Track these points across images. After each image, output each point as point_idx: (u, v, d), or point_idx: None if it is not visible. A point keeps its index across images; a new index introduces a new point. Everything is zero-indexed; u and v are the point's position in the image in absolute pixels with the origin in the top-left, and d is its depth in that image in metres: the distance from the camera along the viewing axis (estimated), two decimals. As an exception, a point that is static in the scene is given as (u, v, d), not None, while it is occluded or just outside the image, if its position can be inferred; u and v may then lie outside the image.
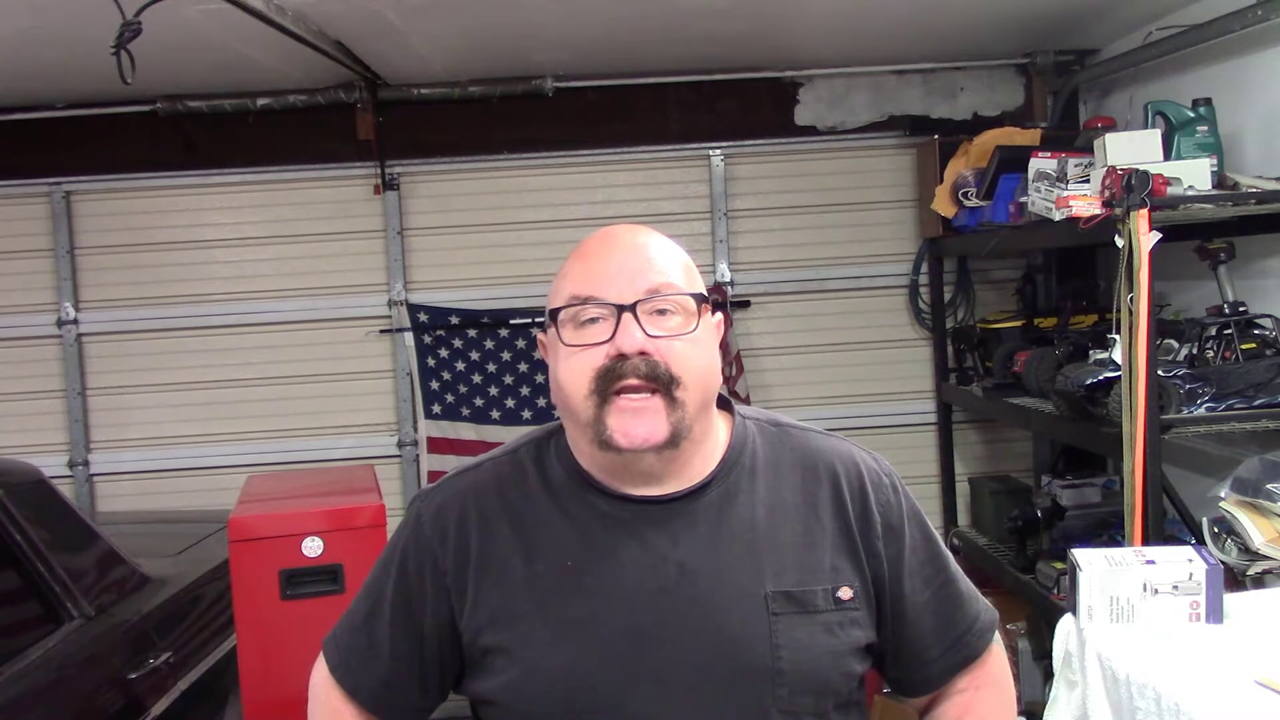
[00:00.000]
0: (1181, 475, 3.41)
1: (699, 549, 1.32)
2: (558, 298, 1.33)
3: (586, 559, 1.32)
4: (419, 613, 1.38)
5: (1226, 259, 3.17)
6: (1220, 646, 2.03)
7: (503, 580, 1.34)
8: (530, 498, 1.38)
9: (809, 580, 1.33)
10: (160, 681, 2.87)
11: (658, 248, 1.36)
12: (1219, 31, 3.29)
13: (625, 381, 1.27)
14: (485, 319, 4.64)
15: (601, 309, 1.29)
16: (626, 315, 1.28)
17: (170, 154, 4.57)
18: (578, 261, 1.35)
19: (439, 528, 1.39)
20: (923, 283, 4.66)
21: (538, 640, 1.30)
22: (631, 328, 1.28)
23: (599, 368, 1.28)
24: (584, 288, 1.31)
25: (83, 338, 4.62)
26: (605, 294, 1.29)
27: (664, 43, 4.05)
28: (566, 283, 1.33)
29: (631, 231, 1.38)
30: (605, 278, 1.30)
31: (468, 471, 1.45)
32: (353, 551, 3.18)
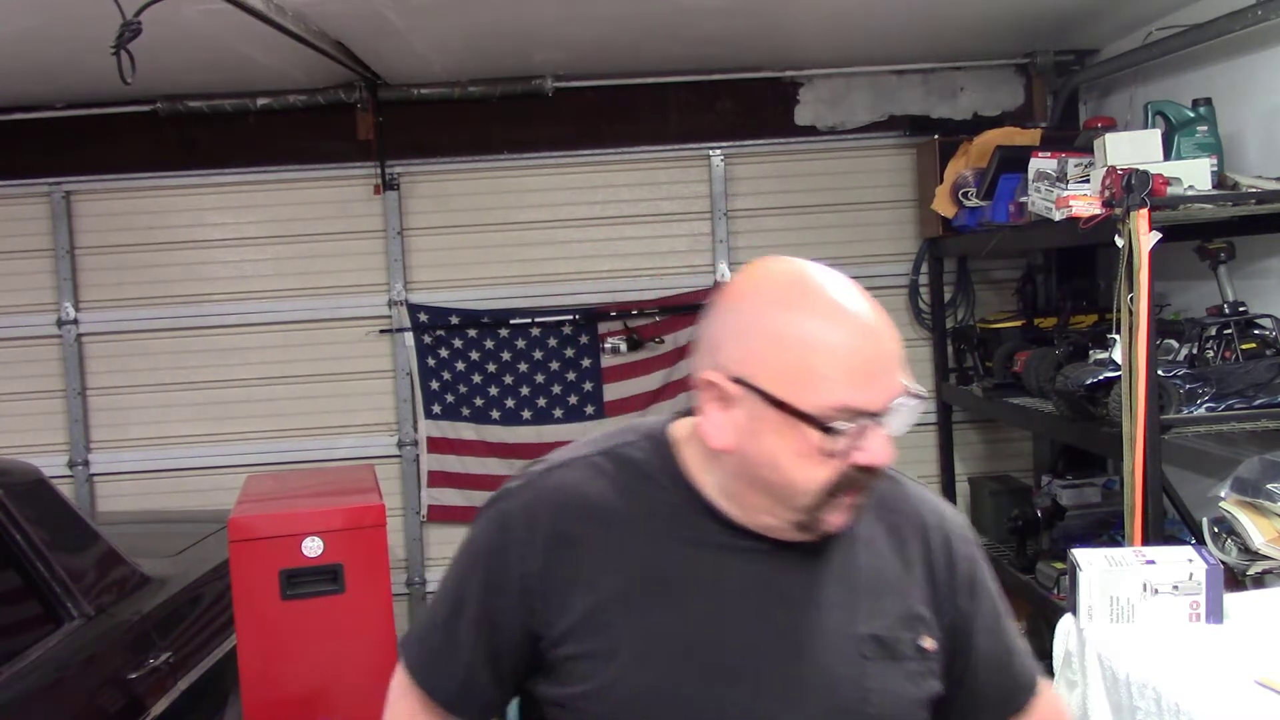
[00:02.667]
0: (1181, 475, 3.41)
1: (799, 581, 1.30)
2: (807, 389, 1.19)
3: (685, 578, 1.29)
4: (502, 613, 1.33)
5: (1226, 259, 3.17)
6: (1220, 646, 2.03)
7: (595, 588, 1.30)
8: (628, 506, 1.33)
9: (898, 627, 1.33)
10: (160, 681, 2.87)
11: (892, 329, 1.25)
12: (1219, 31, 3.29)
13: (857, 490, 1.25)
14: (485, 319, 4.64)
15: (865, 421, 1.20)
16: (882, 430, 1.21)
17: (170, 154, 4.57)
18: (847, 356, 1.19)
19: (528, 527, 1.33)
20: (923, 283, 4.66)
21: (625, 654, 1.28)
22: (882, 443, 1.21)
23: (843, 474, 1.22)
24: (858, 397, 1.19)
25: (83, 338, 4.62)
26: (871, 404, 1.20)
27: (664, 43, 4.05)
28: (828, 382, 1.19)
29: (869, 309, 1.23)
30: (877, 386, 1.20)
31: (556, 470, 1.37)
32: (353, 551, 3.18)
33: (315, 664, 3.17)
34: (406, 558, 4.70)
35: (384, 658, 3.22)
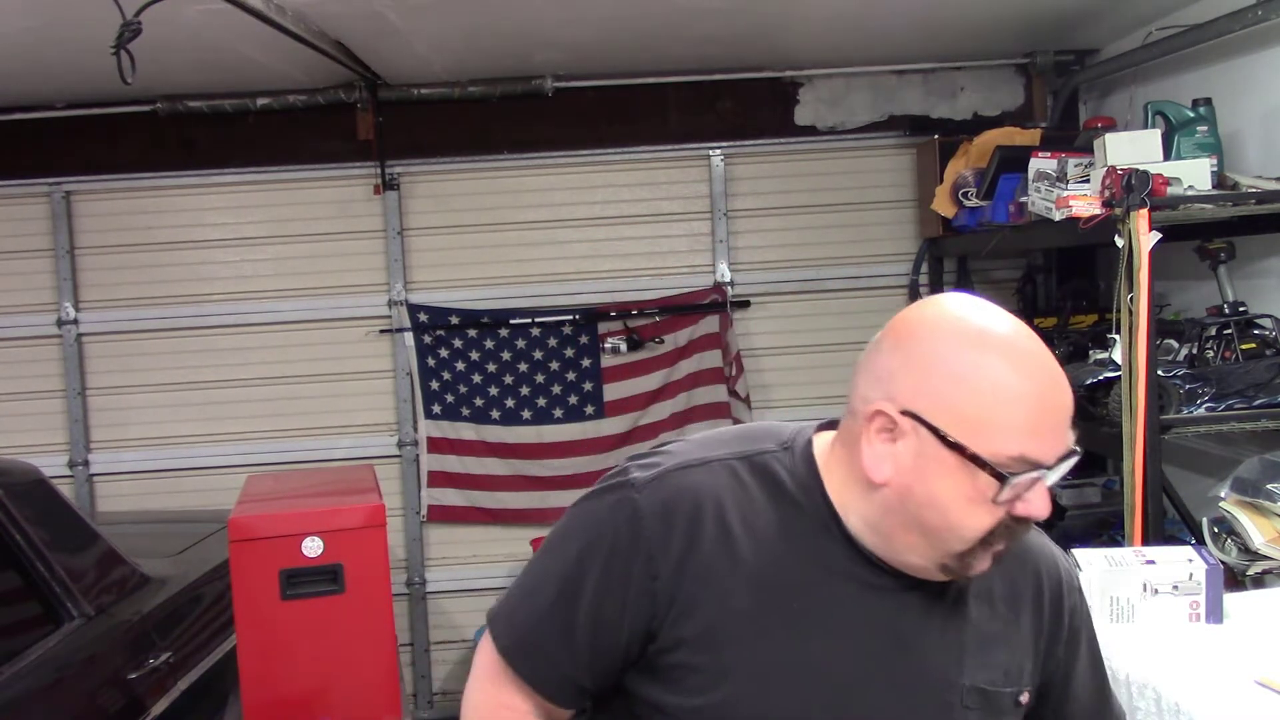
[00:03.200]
0: (1181, 475, 3.41)
1: (916, 624, 1.29)
2: (987, 437, 1.17)
3: (810, 605, 1.27)
4: (622, 610, 1.28)
5: (1226, 259, 3.17)
6: (1220, 646, 2.03)
7: (721, 600, 1.26)
8: (764, 522, 1.29)
9: (1001, 681, 1.31)
10: (160, 681, 2.87)
11: (1067, 381, 1.23)
12: (1219, 31, 3.29)
13: (1010, 538, 1.23)
14: (485, 319, 4.64)
15: (1037, 473, 1.18)
16: (1047, 482, 1.19)
17: (170, 154, 4.56)
18: (1024, 399, 1.18)
19: (664, 525, 1.27)
20: (923, 283, 4.66)
21: (741, 672, 1.26)
22: (1045, 496, 1.19)
23: (1001, 523, 1.20)
24: (1032, 448, 1.17)
25: (83, 338, 4.62)
26: (1046, 457, 1.18)
27: (664, 43, 4.05)
28: (1009, 432, 1.17)
29: (1048, 357, 1.22)
30: (1050, 437, 1.18)
31: (693, 470, 1.31)
32: (353, 551, 3.18)
33: (315, 664, 3.17)
34: (406, 558, 4.70)
35: (384, 658, 3.23)
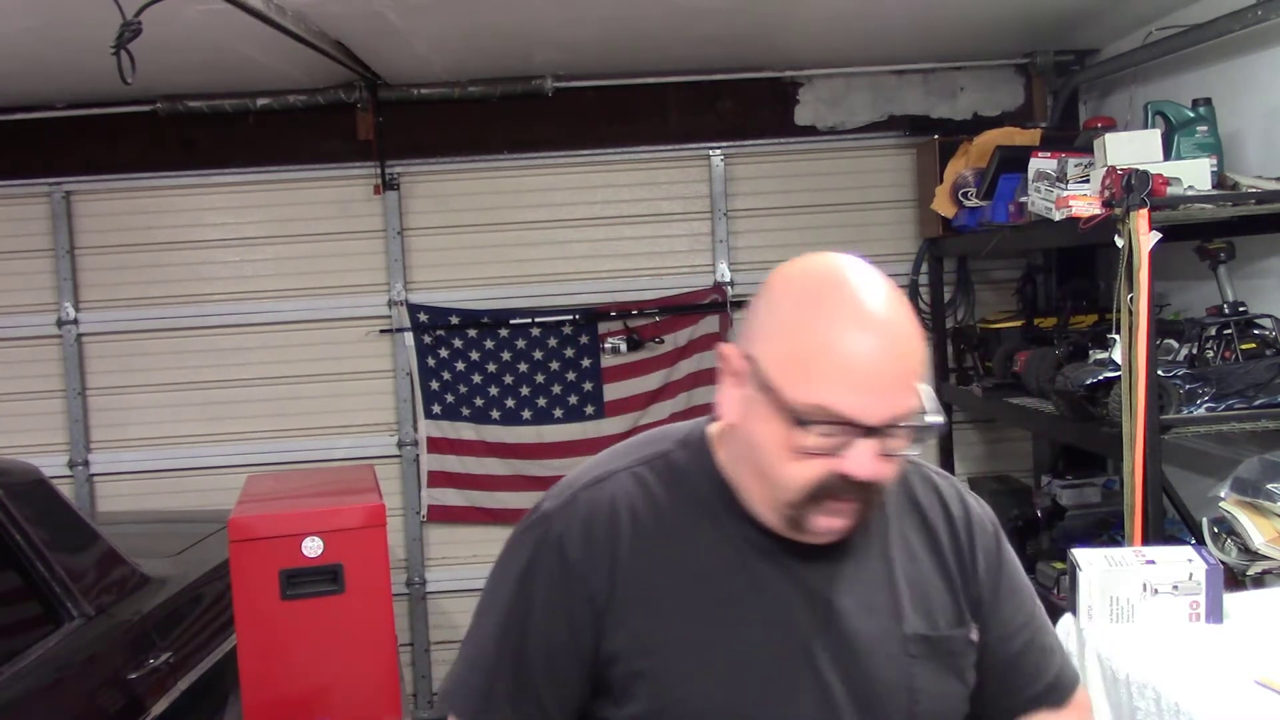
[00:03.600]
0: (1181, 475, 3.41)
1: (847, 586, 1.29)
2: (797, 384, 1.18)
3: (738, 589, 1.28)
4: (573, 641, 1.28)
5: (1226, 259, 3.17)
6: (1220, 646, 2.03)
7: (650, 604, 1.27)
8: (675, 517, 1.30)
9: (943, 624, 1.32)
10: (160, 681, 2.87)
11: (916, 347, 1.23)
12: (1219, 31, 3.29)
13: (841, 498, 1.22)
14: (485, 319, 4.64)
15: (845, 429, 1.18)
16: (866, 441, 1.19)
17: (170, 154, 4.57)
18: (841, 360, 1.18)
19: (587, 545, 1.28)
20: (923, 283, 4.66)
21: (684, 669, 1.26)
22: (870, 457, 1.19)
23: (819, 480, 1.21)
24: (840, 401, 1.17)
25: (83, 338, 4.62)
26: (859, 415, 1.17)
27: (664, 43, 4.05)
28: (815, 381, 1.18)
29: (894, 316, 1.22)
30: (870, 395, 1.18)
31: (602, 482, 1.33)
32: (353, 551, 3.19)
33: (315, 664, 3.17)
34: (406, 558, 4.70)
35: (384, 658, 3.23)
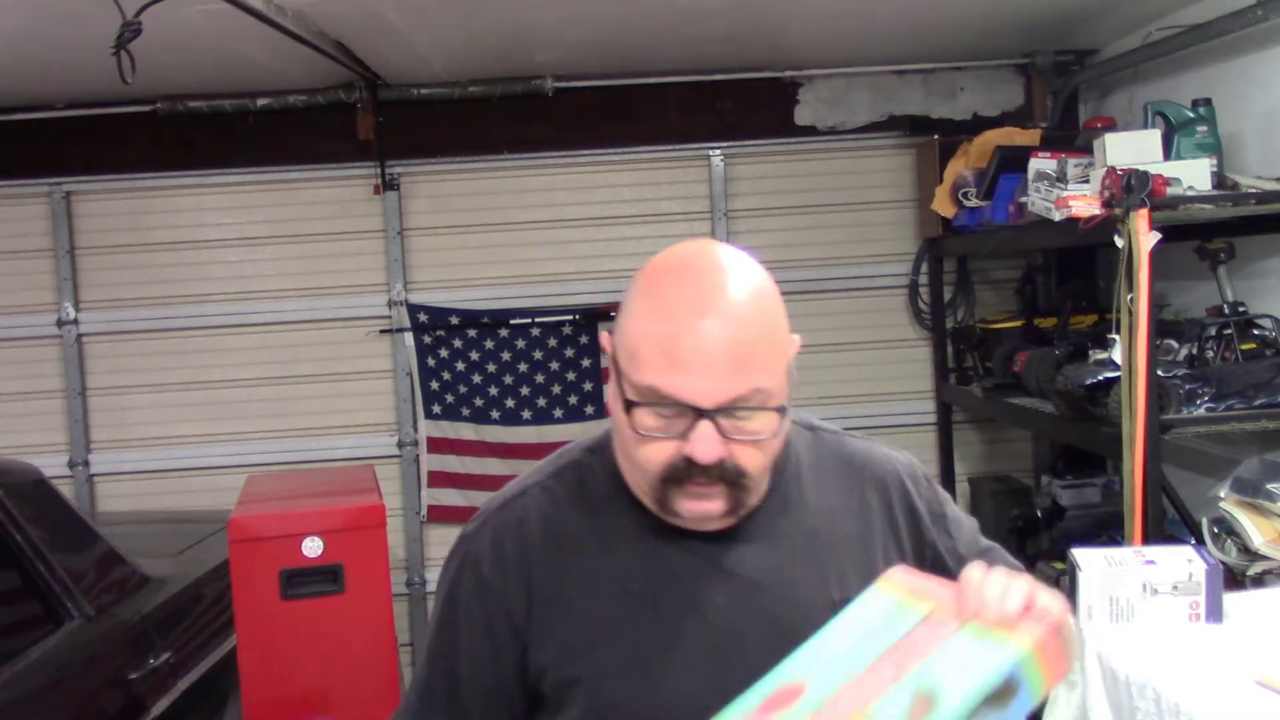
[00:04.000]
0: (1181, 475, 3.41)
1: (766, 563, 1.31)
2: (633, 371, 1.21)
3: (654, 582, 1.29)
4: (498, 658, 1.31)
5: (1226, 259, 3.17)
6: (1220, 646, 2.03)
7: (571, 613, 1.30)
8: (583, 523, 1.33)
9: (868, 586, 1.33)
10: (160, 681, 2.87)
11: (757, 331, 1.22)
12: (1219, 31, 3.29)
13: (694, 480, 1.22)
14: (485, 319, 4.64)
15: (680, 409, 1.19)
16: (704, 422, 1.18)
17: (170, 154, 4.57)
18: (662, 340, 1.19)
19: (499, 565, 1.32)
20: (923, 283, 4.66)
21: (614, 669, 1.27)
22: (709, 439, 1.19)
23: (669, 463, 1.22)
24: (665, 381, 1.18)
25: (83, 338, 4.62)
26: (686, 395, 1.18)
27: (664, 43, 4.05)
28: (643, 359, 1.20)
29: (730, 299, 1.21)
30: (689, 374, 1.18)
31: (512, 503, 1.36)
32: (353, 551, 3.19)
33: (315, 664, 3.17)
34: (406, 558, 4.70)
35: (384, 658, 3.23)
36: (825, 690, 1.11)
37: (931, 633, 1.13)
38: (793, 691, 1.12)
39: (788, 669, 1.16)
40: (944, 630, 1.13)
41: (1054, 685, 1.13)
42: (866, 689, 1.09)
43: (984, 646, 1.09)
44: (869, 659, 1.12)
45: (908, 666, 1.10)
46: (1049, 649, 1.10)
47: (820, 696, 1.10)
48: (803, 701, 1.11)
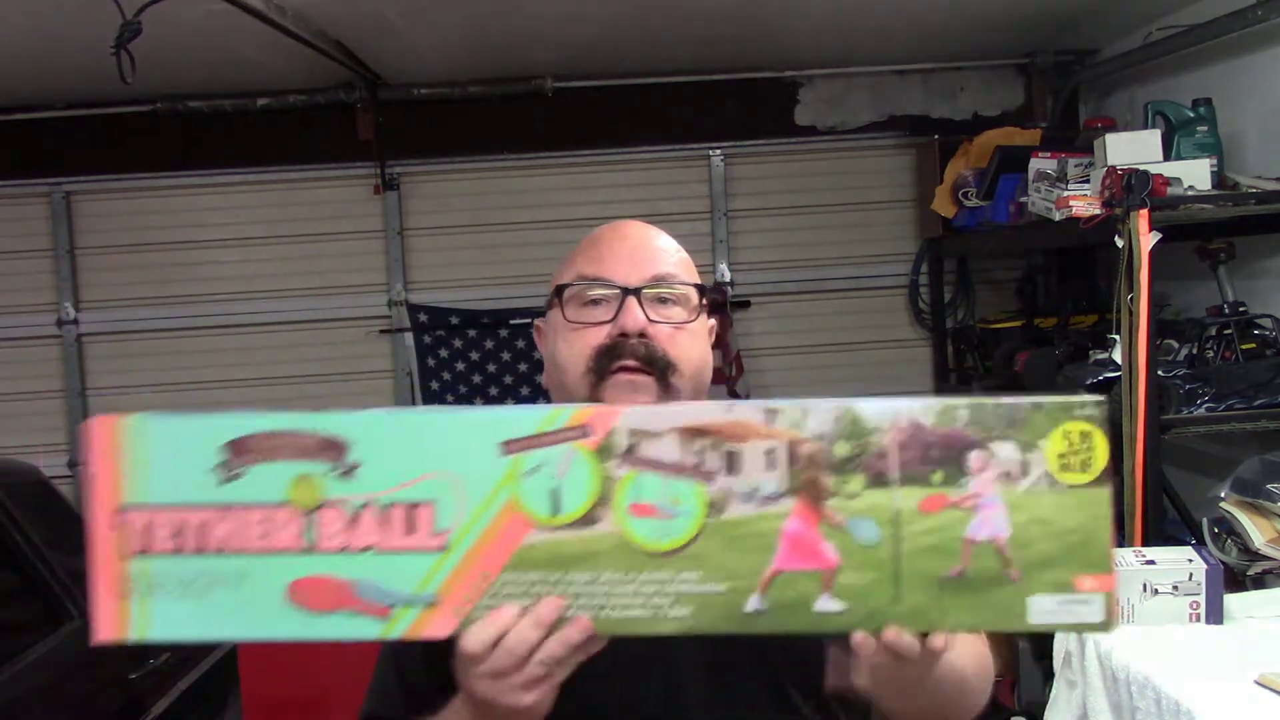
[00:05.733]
0: (1181, 475, 3.41)
1: None
2: (564, 277, 1.37)
3: None
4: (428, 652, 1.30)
5: (1226, 259, 3.17)
6: (1220, 646, 2.03)
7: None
8: None
9: None
10: (160, 681, 2.87)
11: (665, 240, 1.41)
12: (1219, 31, 3.29)
13: (623, 361, 1.29)
14: (485, 319, 4.64)
15: (607, 290, 1.33)
16: (630, 299, 1.32)
17: (170, 154, 4.57)
18: (587, 245, 1.38)
19: None
20: (923, 283, 4.66)
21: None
22: (634, 310, 1.31)
23: (598, 346, 1.30)
24: (591, 269, 1.34)
25: (83, 338, 4.63)
26: (612, 276, 1.33)
27: (664, 43, 4.05)
28: (573, 264, 1.37)
29: (641, 223, 1.43)
30: (613, 261, 1.34)
31: None
32: (353, 551, 3.18)
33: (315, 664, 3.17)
34: (406, 558, 4.70)
35: (384, 658, 3.23)
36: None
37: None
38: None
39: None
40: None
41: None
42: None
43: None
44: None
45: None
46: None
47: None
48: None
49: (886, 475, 1.02)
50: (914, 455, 1.02)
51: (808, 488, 1.02)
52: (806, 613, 1.02)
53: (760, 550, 1.01)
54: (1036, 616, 1.02)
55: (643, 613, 1.02)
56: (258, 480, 1.03)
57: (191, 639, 1.05)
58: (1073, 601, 1.01)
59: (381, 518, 1.02)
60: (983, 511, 1.01)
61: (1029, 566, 1.01)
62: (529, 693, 1.04)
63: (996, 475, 1.02)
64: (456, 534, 1.02)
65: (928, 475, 1.02)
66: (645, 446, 1.02)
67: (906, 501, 1.01)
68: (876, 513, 1.01)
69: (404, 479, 1.02)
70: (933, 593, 1.01)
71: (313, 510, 1.02)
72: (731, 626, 1.02)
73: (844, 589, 1.02)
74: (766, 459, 1.02)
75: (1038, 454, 1.02)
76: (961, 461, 1.01)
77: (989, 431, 1.02)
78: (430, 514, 1.02)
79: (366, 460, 1.03)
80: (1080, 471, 1.02)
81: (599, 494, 1.02)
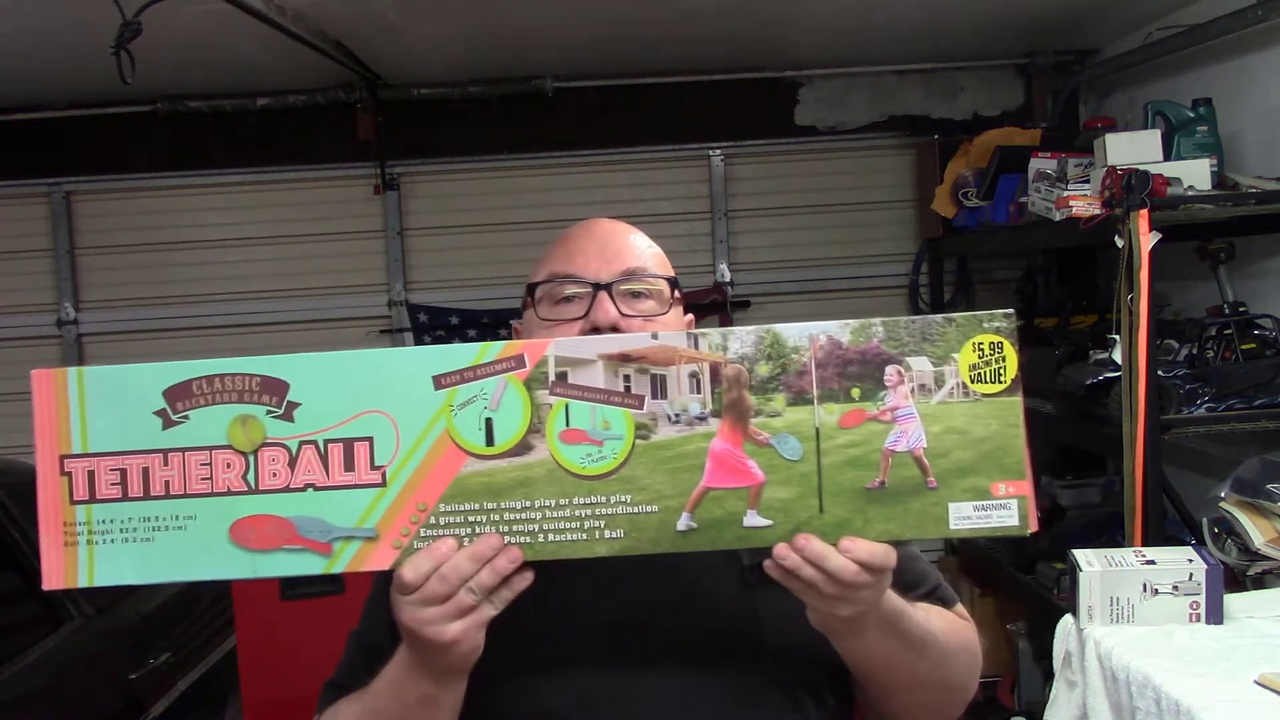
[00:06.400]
0: (1181, 475, 3.41)
1: None
2: (536, 276, 1.38)
3: (559, 573, 1.26)
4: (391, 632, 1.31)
5: (1226, 259, 3.17)
6: (1220, 646, 2.03)
7: None
8: None
9: None
10: (160, 681, 2.87)
11: (636, 235, 1.40)
12: (1219, 31, 3.29)
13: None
14: (485, 319, 4.64)
15: (578, 287, 1.33)
16: (602, 293, 1.31)
17: (170, 154, 4.57)
18: (558, 244, 1.39)
19: None
20: (923, 283, 4.66)
21: (514, 641, 1.23)
22: (606, 305, 1.30)
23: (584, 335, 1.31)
24: (562, 266, 1.34)
25: (83, 338, 4.63)
26: (583, 272, 1.33)
27: (664, 43, 4.05)
28: (545, 263, 1.38)
29: (611, 221, 1.42)
30: (584, 257, 1.34)
31: None
32: (353, 551, 3.18)
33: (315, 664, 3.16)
34: (406, 558, 4.70)
35: (384, 658, 3.23)
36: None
37: None
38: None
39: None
40: None
41: None
42: None
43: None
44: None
45: None
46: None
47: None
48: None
49: (807, 393, 1.05)
50: (833, 372, 1.05)
51: (732, 408, 1.05)
52: (735, 529, 1.05)
53: (689, 470, 1.05)
54: (956, 523, 1.05)
55: (578, 536, 1.06)
56: (199, 424, 1.06)
57: (139, 582, 1.08)
58: (990, 507, 1.05)
59: (321, 455, 1.05)
60: (901, 424, 1.05)
61: (947, 475, 1.05)
62: (455, 623, 1.06)
63: (912, 388, 1.05)
64: (394, 468, 1.05)
65: (847, 391, 1.05)
66: (574, 374, 1.05)
67: (827, 417, 1.05)
68: (799, 429, 1.05)
69: (342, 417, 1.05)
70: (856, 504, 1.05)
71: (254, 451, 1.05)
72: (664, 546, 1.06)
73: (770, 504, 1.05)
74: (691, 382, 1.06)
75: (951, 366, 1.05)
76: (878, 376, 1.05)
77: (903, 347, 1.05)
78: (368, 450, 1.05)
79: (305, 400, 1.05)
80: (992, 382, 1.05)
81: (531, 422, 1.05)
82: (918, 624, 1.22)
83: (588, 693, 1.26)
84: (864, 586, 1.07)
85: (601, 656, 1.26)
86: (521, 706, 1.27)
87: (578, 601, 1.27)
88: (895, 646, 1.21)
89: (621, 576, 1.25)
